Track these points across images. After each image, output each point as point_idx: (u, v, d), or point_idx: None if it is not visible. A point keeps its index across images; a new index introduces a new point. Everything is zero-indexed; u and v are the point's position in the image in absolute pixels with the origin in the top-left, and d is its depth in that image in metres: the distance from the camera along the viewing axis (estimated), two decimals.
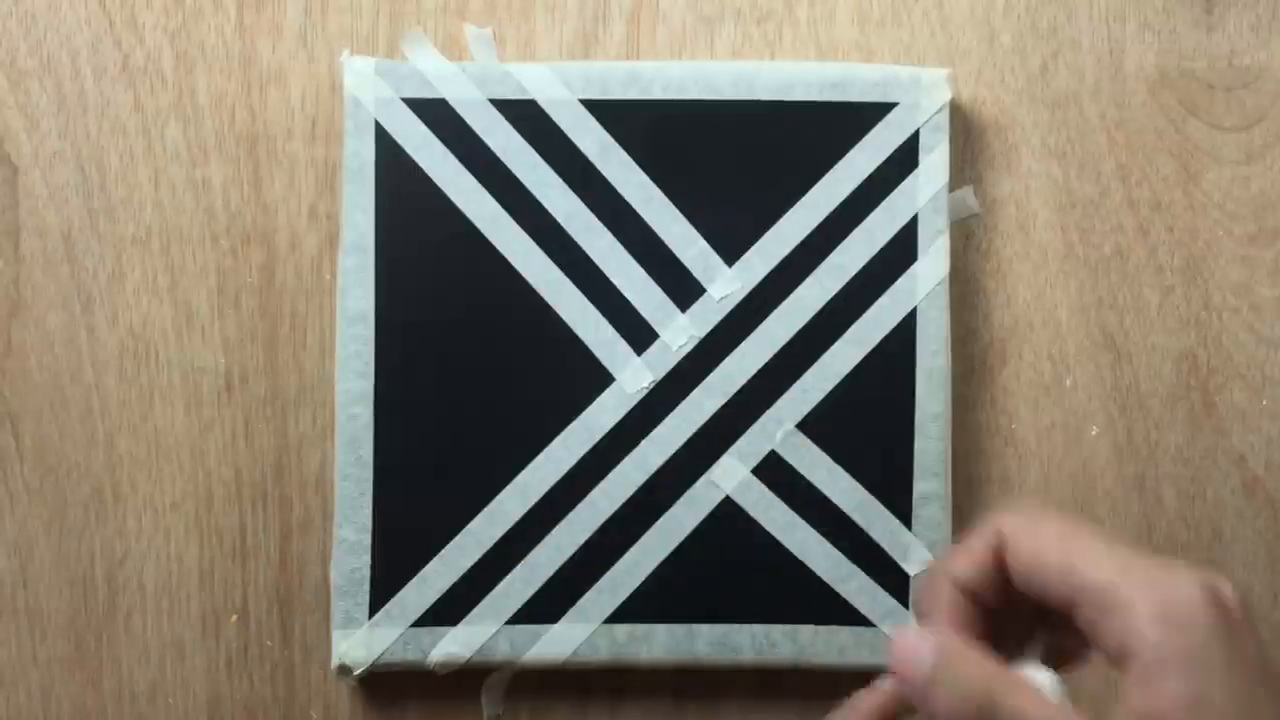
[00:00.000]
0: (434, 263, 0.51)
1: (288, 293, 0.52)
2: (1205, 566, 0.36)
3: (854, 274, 0.51)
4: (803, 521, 0.51)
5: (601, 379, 0.51)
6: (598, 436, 0.51)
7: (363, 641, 0.50)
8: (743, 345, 0.51)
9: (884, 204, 0.51)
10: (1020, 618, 0.35)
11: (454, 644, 0.50)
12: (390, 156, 0.51)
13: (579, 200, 0.51)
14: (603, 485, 0.50)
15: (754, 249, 0.51)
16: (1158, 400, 0.52)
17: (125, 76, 0.52)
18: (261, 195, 0.52)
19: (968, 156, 0.53)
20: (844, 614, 0.50)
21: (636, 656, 0.50)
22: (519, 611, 0.50)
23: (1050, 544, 0.33)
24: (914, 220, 0.51)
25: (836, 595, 0.50)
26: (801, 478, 0.51)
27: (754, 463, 0.51)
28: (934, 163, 0.51)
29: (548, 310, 0.51)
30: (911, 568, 0.50)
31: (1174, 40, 0.53)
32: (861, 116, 0.51)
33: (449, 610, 0.50)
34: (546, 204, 0.51)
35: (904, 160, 0.51)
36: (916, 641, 0.34)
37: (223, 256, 0.52)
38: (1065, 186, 0.52)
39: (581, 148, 0.51)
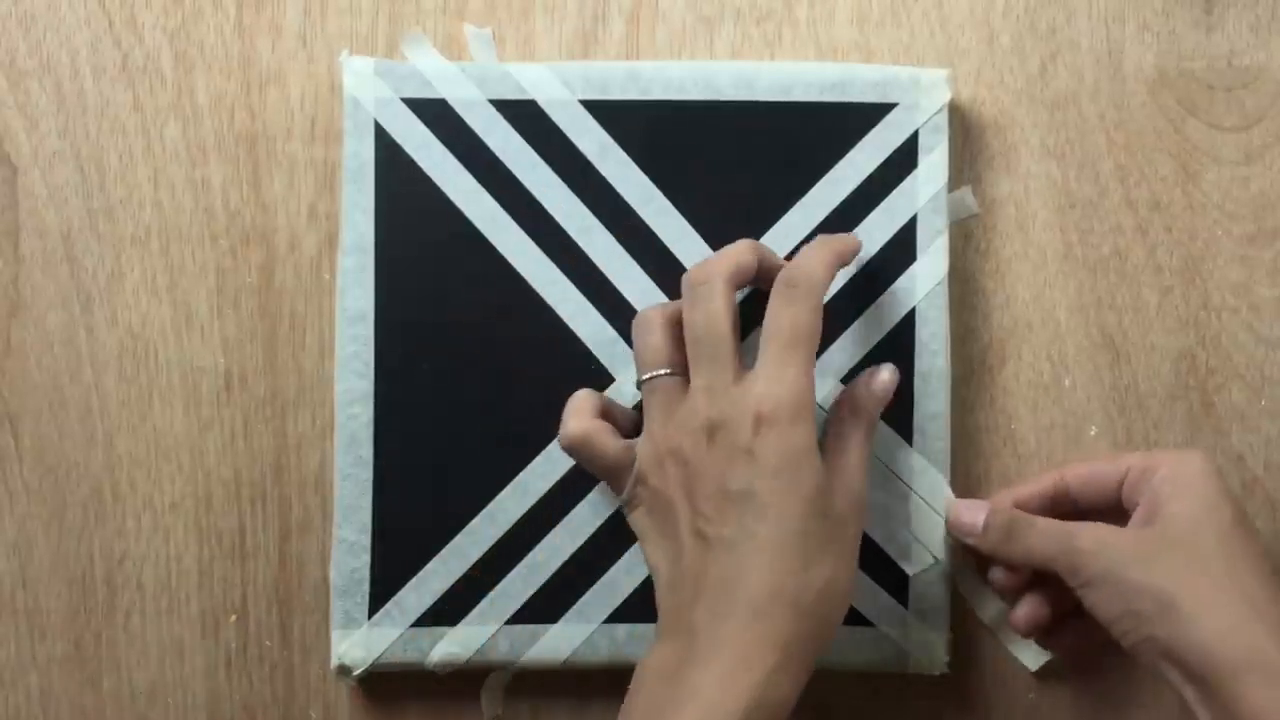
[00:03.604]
0: (433, 263, 0.51)
1: (287, 293, 0.52)
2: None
3: (853, 274, 0.51)
4: None
5: (601, 379, 0.51)
6: None
7: (362, 642, 0.50)
8: (742, 345, 0.51)
9: (883, 204, 0.51)
10: None
11: (453, 644, 0.50)
12: (390, 156, 0.51)
13: (578, 200, 0.51)
14: (603, 485, 0.50)
15: None
16: (1156, 400, 0.52)
17: (124, 76, 0.52)
18: (261, 195, 0.52)
19: (967, 157, 0.53)
20: None
21: (636, 656, 0.50)
22: (518, 612, 0.50)
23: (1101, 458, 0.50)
24: (913, 220, 0.51)
25: None
26: None
27: None
28: (933, 163, 0.51)
29: (547, 310, 0.51)
30: (911, 568, 0.50)
31: (1173, 41, 0.53)
32: (861, 117, 0.51)
33: (448, 610, 0.50)
34: (546, 204, 0.51)
35: (903, 161, 0.51)
36: (970, 507, 0.50)
37: (222, 256, 0.52)
38: (1064, 187, 0.52)
39: (581, 148, 0.51)
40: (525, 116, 0.51)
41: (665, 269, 0.51)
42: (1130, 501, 0.48)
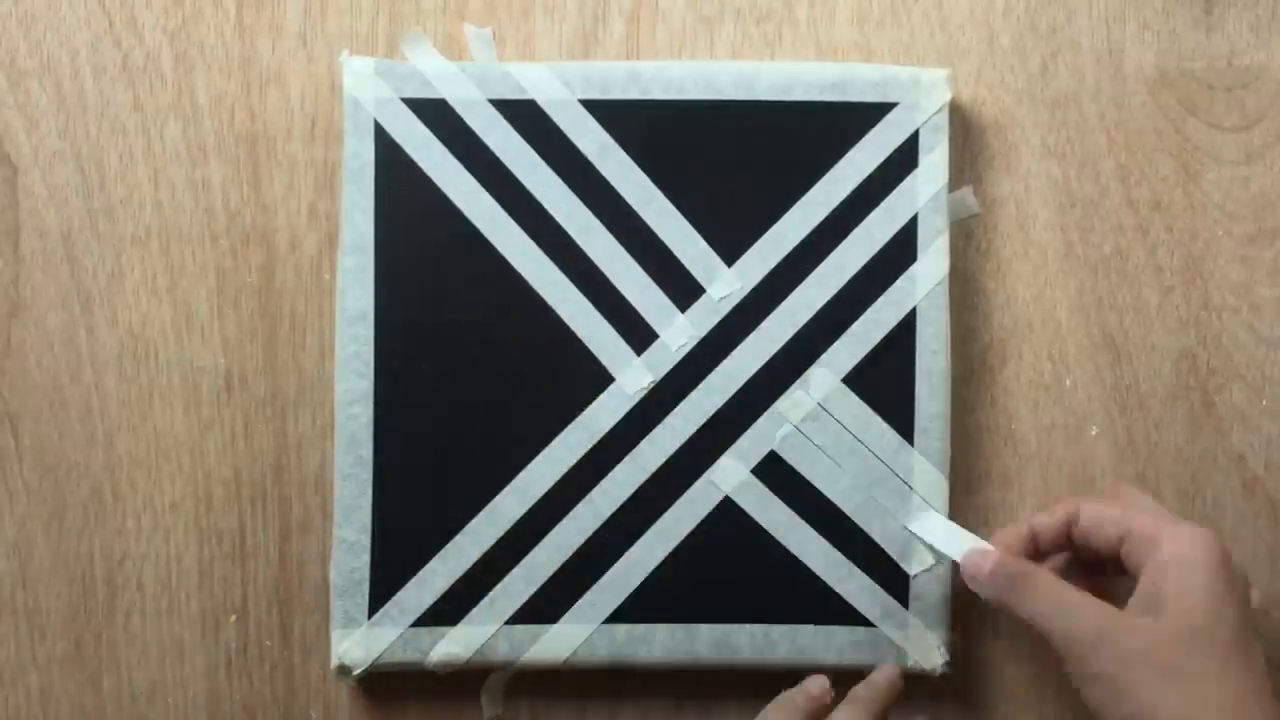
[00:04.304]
0: (433, 263, 0.51)
1: (287, 293, 0.52)
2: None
3: (854, 274, 0.51)
4: (802, 521, 0.51)
5: (601, 379, 0.51)
6: (597, 436, 0.51)
7: (362, 641, 0.50)
8: (742, 345, 0.51)
9: (883, 204, 0.51)
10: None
11: (453, 644, 0.50)
12: (390, 157, 0.51)
13: (578, 200, 0.51)
14: (602, 485, 0.50)
15: (754, 249, 0.51)
16: (1157, 400, 0.52)
17: (125, 76, 0.52)
18: (261, 195, 0.52)
19: (967, 156, 0.53)
20: (844, 614, 0.50)
21: (636, 656, 0.50)
22: (518, 611, 0.50)
23: (1112, 505, 0.47)
24: (913, 220, 0.51)
25: (836, 595, 0.50)
26: (801, 478, 0.51)
27: (754, 463, 0.51)
28: (933, 163, 0.51)
29: (547, 310, 0.51)
30: (911, 568, 0.50)
31: (1174, 40, 0.53)
32: (861, 116, 0.51)
33: (448, 610, 0.50)
34: (546, 204, 0.51)
35: (903, 160, 0.51)
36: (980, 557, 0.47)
37: (222, 256, 0.52)
38: (1065, 186, 0.52)
39: (581, 148, 0.51)
40: (525, 116, 0.51)
41: (665, 269, 0.51)
42: (1131, 563, 0.45)
